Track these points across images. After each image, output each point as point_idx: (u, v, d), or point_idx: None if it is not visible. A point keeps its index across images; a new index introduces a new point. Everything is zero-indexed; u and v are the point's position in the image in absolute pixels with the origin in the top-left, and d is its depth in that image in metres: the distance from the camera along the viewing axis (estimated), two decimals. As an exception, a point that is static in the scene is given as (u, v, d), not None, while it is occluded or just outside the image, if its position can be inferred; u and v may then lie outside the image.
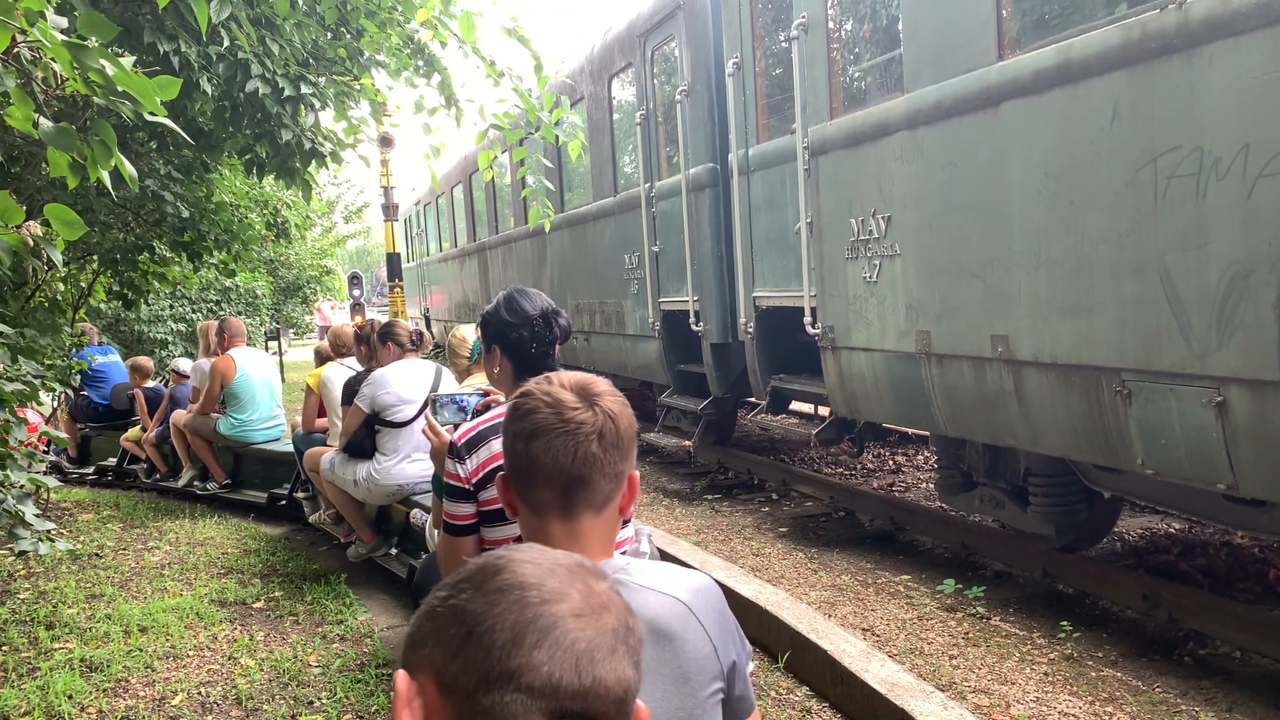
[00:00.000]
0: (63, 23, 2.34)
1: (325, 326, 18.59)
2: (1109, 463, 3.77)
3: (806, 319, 5.41)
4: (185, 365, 8.20)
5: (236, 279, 13.00)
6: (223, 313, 13.64)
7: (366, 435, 4.84)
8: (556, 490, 1.30)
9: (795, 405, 8.25)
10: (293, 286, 17.07)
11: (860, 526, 5.90)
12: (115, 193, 5.13)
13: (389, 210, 15.66)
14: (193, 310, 13.80)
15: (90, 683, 3.92)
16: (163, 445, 8.09)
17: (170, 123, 2.51)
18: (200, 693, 3.83)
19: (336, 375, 5.56)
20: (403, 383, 4.75)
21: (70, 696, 3.77)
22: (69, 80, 2.37)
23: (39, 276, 4.76)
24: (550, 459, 1.29)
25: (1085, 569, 4.50)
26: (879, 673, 3.29)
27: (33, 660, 4.18)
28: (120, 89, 2.34)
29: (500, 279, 12.10)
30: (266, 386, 7.30)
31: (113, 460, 9.02)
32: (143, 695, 3.83)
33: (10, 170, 4.77)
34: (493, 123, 5.39)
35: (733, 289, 6.49)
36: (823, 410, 7.65)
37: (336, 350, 6.05)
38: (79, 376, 8.17)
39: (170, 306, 13.62)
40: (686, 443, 7.67)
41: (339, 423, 5.19)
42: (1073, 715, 3.33)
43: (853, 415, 5.41)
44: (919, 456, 7.52)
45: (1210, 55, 3.04)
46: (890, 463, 7.49)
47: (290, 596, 4.98)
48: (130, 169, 2.57)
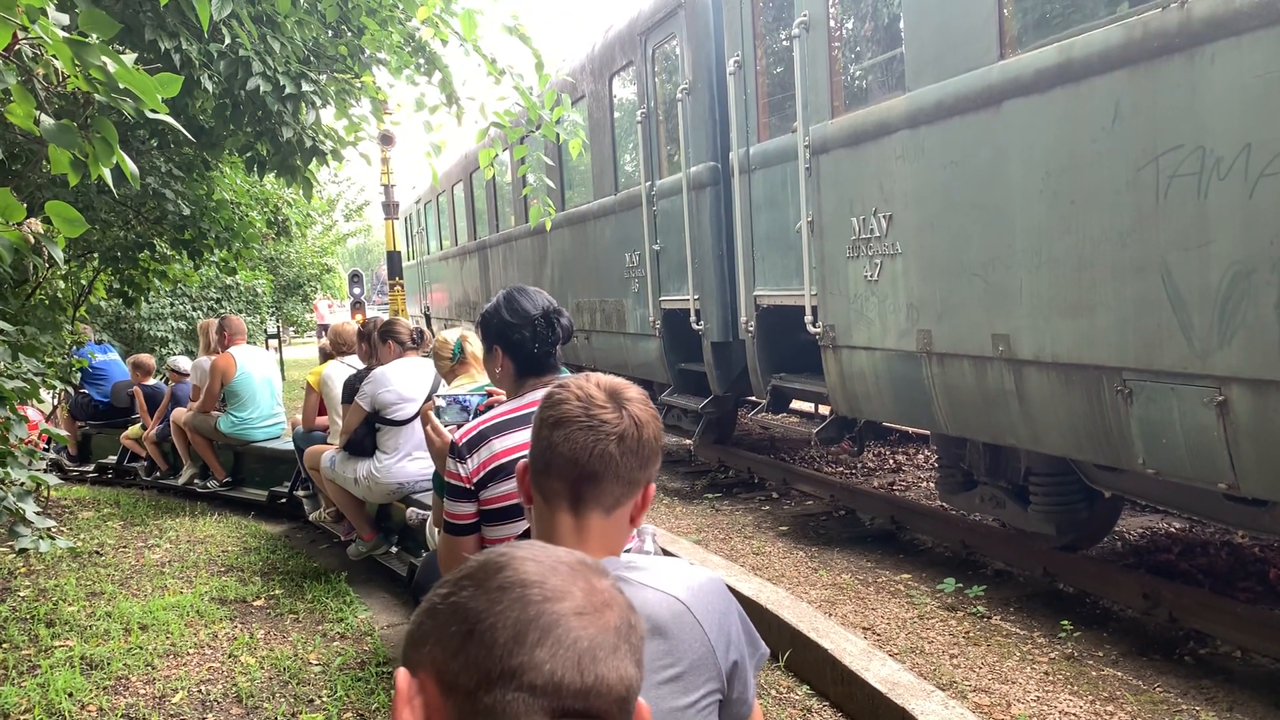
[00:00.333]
0: (64, 20, 2.34)
1: (323, 325, 18.59)
2: (1110, 462, 3.77)
3: (807, 318, 5.40)
4: (184, 364, 8.20)
5: (237, 277, 13.01)
6: (223, 311, 13.64)
7: (367, 433, 4.84)
8: (567, 482, 1.32)
9: (795, 404, 8.26)
10: (293, 285, 17.09)
11: (861, 525, 5.89)
12: (116, 190, 5.13)
13: (389, 208, 15.64)
14: (193, 308, 13.80)
15: (90, 680, 3.92)
16: (163, 443, 8.09)
17: (171, 120, 2.50)
18: (200, 690, 3.83)
19: (337, 373, 5.56)
20: (403, 381, 4.75)
21: (70, 694, 3.77)
22: (70, 77, 2.36)
23: (40, 274, 4.76)
24: (567, 449, 1.31)
25: (1086, 568, 4.50)
26: (879, 672, 3.29)
27: (33, 658, 4.18)
28: (121, 86, 2.33)
29: (501, 277, 12.09)
30: (267, 384, 7.31)
31: (113, 458, 9.03)
32: (143, 693, 3.83)
33: (11, 167, 4.76)
34: (494, 121, 5.38)
35: (733, 288, 6.49)
36: (823, 409, 7.64)
37: (337, 348, 6.05)
38: (79, 374, 8.16)
39: (171, 304, 13.63)
40: (687, 441, 7.67)
41: (339, 421, 5.19)
42: (1073, 714, 3.32)
43: (853, 414, 5.40)
44: (919, 455, 7.52)
45: (1212, 54, 3.03)
46: (891, 461, 7.49)
47: (290, 594, 4.98)
48: (131, 166, 2.56)
